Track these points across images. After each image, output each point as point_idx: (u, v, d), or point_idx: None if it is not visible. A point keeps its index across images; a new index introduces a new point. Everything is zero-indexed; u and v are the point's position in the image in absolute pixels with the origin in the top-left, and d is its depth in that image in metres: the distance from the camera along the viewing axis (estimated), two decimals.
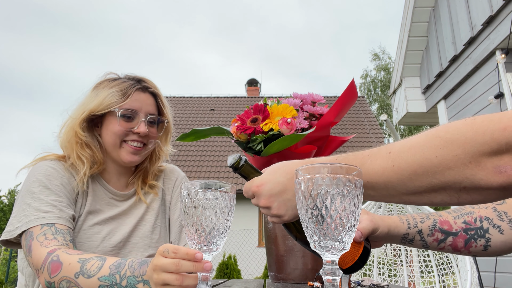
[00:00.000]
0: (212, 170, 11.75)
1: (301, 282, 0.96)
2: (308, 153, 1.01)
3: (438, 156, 0.51)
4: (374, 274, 2.86)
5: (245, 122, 1.00)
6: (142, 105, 1.14)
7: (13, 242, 0.99)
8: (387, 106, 22.61)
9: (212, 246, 0.67)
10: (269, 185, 0.66)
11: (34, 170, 1.05)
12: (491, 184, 0.49)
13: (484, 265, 3.72)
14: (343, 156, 0.63)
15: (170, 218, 1.25)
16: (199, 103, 15.91)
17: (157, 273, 0.70)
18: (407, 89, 5.24)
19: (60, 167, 1.08)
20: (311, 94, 1.06)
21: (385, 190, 0.58)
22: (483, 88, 3.83)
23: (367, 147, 0.64)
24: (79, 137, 1.10)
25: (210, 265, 0.67)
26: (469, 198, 0.53)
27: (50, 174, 1.04)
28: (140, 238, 1.15)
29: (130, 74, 1.21)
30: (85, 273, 0.83)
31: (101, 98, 1.10)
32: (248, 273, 9.64)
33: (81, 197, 1.10)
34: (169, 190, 1.28)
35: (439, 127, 0.53)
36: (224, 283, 1.09)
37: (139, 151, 1.13)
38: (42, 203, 0.98)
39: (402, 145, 0.56)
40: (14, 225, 0.97)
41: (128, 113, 1.11)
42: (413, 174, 0.54)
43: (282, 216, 0.67)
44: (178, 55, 64.77)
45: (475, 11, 3.82)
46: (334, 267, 0.54)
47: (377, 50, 27.93)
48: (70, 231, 0.99)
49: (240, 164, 0.70)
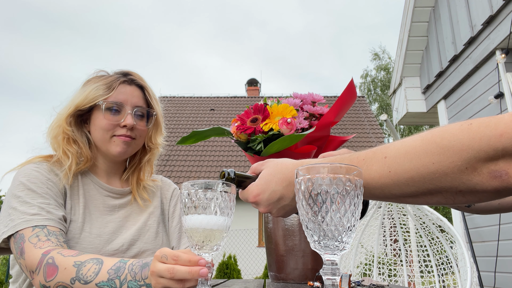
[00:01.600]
0: (212, 170, 11.74)
1: (301, 282, 0.96)
2: (308, 153, 1.01)
3: (434, 163, 0.51)
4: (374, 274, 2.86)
5: (245, 122, 1.00)
6: (128, 97, 1.12)
7: (2, 247, 0.97)
8: (387, 106, 22.60)
9: (212, 246, 0.67)
10: (266, 195, 0.67)
11: (19, 174, 1.03)
12: (486, 188, 0.50)
13: (484, 265, 3.71)
14: (339, 158, 0.63)
15: (169, 226, 1.25)
16: (199, 103, 15.91)
17: (155, 278, 0.70)
18: (407, 89, 5.23)
19: (45, 169, 1.06)
20: (311, 94, 1.06)
21: (381, 194, 0.58)
22: (483, 88, 3.83)
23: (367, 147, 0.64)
24: (65, 132, 1.09)
25: (206, 272, 0.67)
26: (464, 200, 0.54)
27: (35, 177, 1.02)
28: (144, 244, 1.14)
29: (119, 70, 1.20)
30: (81, 278, 0.80)
31: (86, 93, 1.10)
32: (248, 273, 9.64)
33: (70, 199, 1.07)
34: (167, 199, 1.29)
35: (435, 131, 0.53)
36: (224, 283, 1.09)
37: (129, 142, 1.12)
38: (29, 206, 0.96)
39: (398, 150, 0.56)
40: (0, 230, 0.95)
41: (113, 106, 1.10)
42: (409, 180, 0.54)
43: (283, 216, 0.70)
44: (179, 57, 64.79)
45: (475, 11, 3.82)
46: (334, 267, 0.54)
47: (377, 50, 27.94)
48: (63, 233, 0.97)
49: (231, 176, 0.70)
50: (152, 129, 1.21)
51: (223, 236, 0.68)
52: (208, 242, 0.67)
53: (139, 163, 1.23)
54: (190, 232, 0.66)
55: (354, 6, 54.31)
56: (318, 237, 0.54)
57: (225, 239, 0.69)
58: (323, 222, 0.52)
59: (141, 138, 1.17)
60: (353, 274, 2.82)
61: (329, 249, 0.54)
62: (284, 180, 0.66)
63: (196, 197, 0.65)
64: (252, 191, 0.70)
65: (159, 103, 1.23)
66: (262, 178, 0.69)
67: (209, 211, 0.65)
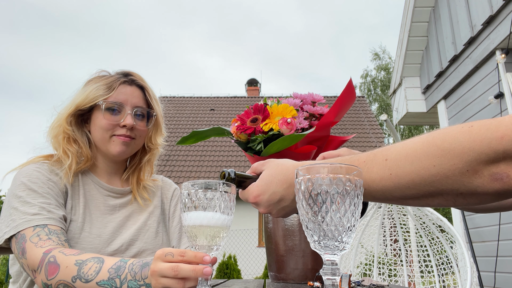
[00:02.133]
0: (212, 170, 11.74)
1: (301, 282, 0.96)
2: (308, 153, 1.01)
3: (435, 166, 0.51)
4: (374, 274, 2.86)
5: (245, 122, 1.00)
6: (128, 97, 1.13)
7: (2, 247, 0.97)
8: (387, 106, 22.60)
9: (212, 245, 0.67)
10: (266, 196, 0.68)
11: (19, 174, 1.04)
12: (487, 191, 0.50)
13: (484, 265, 3.71)
14: (339, 160, 0.63)
15: (169, 226, 1.25)
16: (199, 103, 15.91)
17: (155, 278, 0.69)
18: (407, 89, 5.23)
19: (46, 169, 1.06)
20: (311, 94, 1.06)
21: (382, 196, 0.59)
22: (483, 88, 3.83)
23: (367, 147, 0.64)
24: (66, 132, 1.10)
25: (210, 270, 0.67)
26: (465, 202, 0.54)
27: (35, 177, 1.02)
28: (144, 243, 1.14)
29: (119, 70, 1.20)
30: (82, 277, 0.81)
31: (87, 93, 1.10)
32: (248, 273, 9.64)
33: (71, 199, 1.08)
34: (168, 199, 1.29)
35: (435, 133, 0.53)
36: (224, 283, 1.09)
37: (128, 142, 1.12)
38: (30, 206, 0.96)
39: (398, 152, 0.56)
40: (2, 230, 0.95)
41: (113, 106, 1.10)
42: (410, 182, 0.54)
43: (283, 217, 0.71)
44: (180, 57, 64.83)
45: (475, 11, 3.82)
46: (334, 267, 0.54)
47: (378, 50, 27.93)
48: (63, 231, 0.98)
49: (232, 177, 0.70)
50: (152, 129, 1.21)
51: (223, 236, 0.68)
52: (207, 241, 0.67)
53: (139, 163, 1.24)
54: (189, 229, 0.66)
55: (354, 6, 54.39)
56: (318, 237, 0.54)
57: (225, 239, 0.69)
58: (323, 222, 0.52)
59: (141, 138, 1.17)
60: (353, 274, 2.82)
61: (329, 249, 0.54)
62: (285, 181, 0.66)
63: (196, 197, 0.65)
64: (252, 192, 0.70)
65: (160, 103, 1.23)
66: (262, 179, 0.69)
67: (209, 211, 0.65)
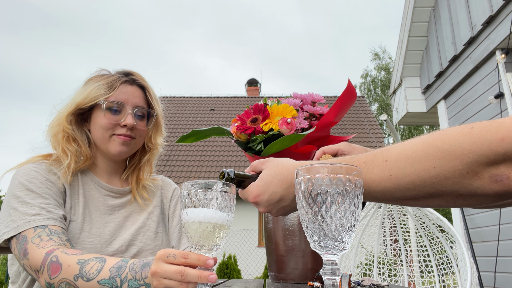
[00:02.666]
0: (212, 170, 11.74)
1: (301, 282, 0.96)
2: (308, 153, 1.01)
3: (436, 167, 0.51)
4: (374, 274, 2.86)
5: (245, 122, 1.00)
6: (129, 97, 1.13)
7: (1, 247, 0.97)
8: (387, 106, 22.59)
9: (212, 245, 0.67)
10: (266, 196, 0.68)
11: (17, 174, 1.03)
12: (487, 192, 0.50)
13: (484, 265, 3.71)
14: (339, 160, 0.63)
15: (169, 226, 1.25)
16: (199, 103, 15.91)
17: (157, 279, 0.69)
18: (407, 89, 5.23)
19: (44, 169, 1.06)
20: (311, 94, 1.06)
21: (382, 197, 0.59)
22: (483, 88, 3.83)
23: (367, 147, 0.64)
24: (65, 130, 1.09)
25: (215, 278, 0.67)
26: (465, 203, 0.54)
27: (33, 177, 1.02)
28: (143, 243, 1.14)
29: (120, 69, 1.20)
30: (84, 275, 0.81)
31: (88, 92, 1.10)
32: (248, 273, 9.64)
33: (70, 199, 1.07)
34: (167, 199, 1.29)
35: (436, 135, 0.53)
36: (224, 283, 1.09)
37: (128, 142, 1.12)
38: (29, 207, 0.96)
39: (398, 153, 0.56)
40: (1, 230, 0.95)
41: (114, 106, 1.10)
42: (410, 183, 0.54)
43: (283, 215, 0.72)
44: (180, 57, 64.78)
45: (475, 11, 3.82)
46: (334, 267, 0.54)
47: (378, 50, 27.93)
48: (64, 231, 0.98)
49: (231, 177, 0.70)
50: (152, 129, 1.21)
51: (223, 236, 0.68)
52: (207, 239, 0.66)
53: (138, 163, 1.24)
54: (189, 226, 0.66)
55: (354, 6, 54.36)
56: (318, 237, 0.54)
57: (225, 239, 0.69)
58: (323, 222, 0.52)
59: (141, 138, 1.17)
60: (353, 274, 2.82)
61: (329, 249, 0.54)
62: (285, 182, 0.66)
63: (196, 197, 0.65)
64: (252, 191, 0.70)
65: (160, 103, 1.23)
66: (262, 179, 0.69)
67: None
